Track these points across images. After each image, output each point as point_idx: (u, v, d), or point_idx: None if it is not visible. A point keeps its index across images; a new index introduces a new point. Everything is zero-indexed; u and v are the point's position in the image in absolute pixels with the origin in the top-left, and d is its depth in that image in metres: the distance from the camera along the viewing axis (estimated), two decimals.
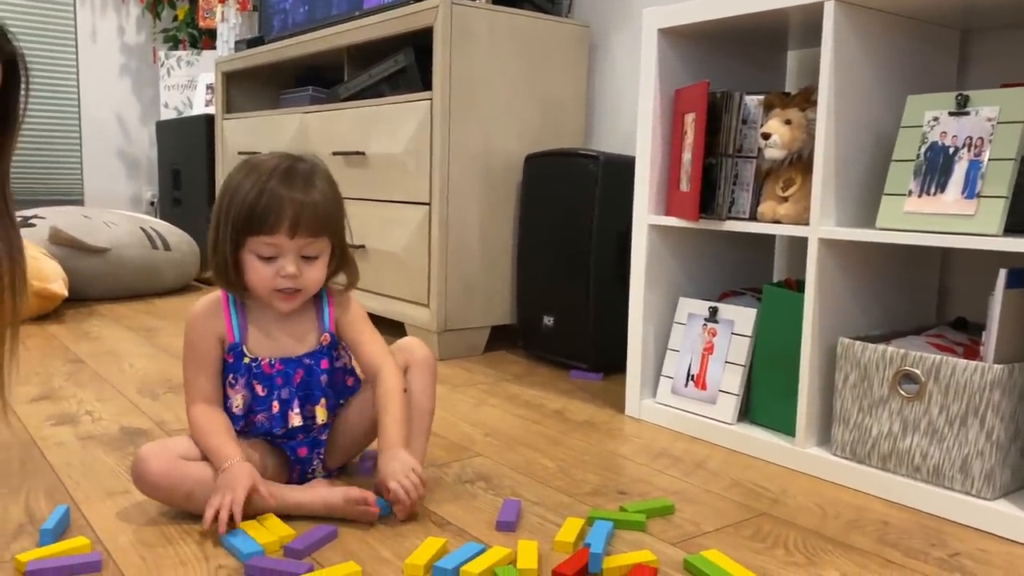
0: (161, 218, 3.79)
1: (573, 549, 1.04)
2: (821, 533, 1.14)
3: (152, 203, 4.43)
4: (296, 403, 1.15)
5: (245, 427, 1.17)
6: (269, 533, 1.03)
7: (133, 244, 2.95)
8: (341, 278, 1.20)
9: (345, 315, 1.20)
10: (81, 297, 2.81)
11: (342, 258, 1.17)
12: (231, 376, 1.15)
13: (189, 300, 3.04)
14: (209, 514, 1.01)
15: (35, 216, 2.85)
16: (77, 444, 1.42)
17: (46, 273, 2.48)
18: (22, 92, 0.94)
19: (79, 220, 2.88)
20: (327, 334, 1.18)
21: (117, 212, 3.21)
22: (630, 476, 1.35)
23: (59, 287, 2.48)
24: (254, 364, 1.14)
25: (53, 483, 1.24)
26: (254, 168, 1.09)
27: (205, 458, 1.10)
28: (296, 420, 1.15)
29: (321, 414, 1.18)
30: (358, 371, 1.25)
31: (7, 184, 0.98)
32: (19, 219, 2.97)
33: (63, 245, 2.73)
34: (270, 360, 1.15)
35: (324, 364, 1.18)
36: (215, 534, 1.03)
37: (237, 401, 1.15)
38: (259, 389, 1.15)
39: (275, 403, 1.15)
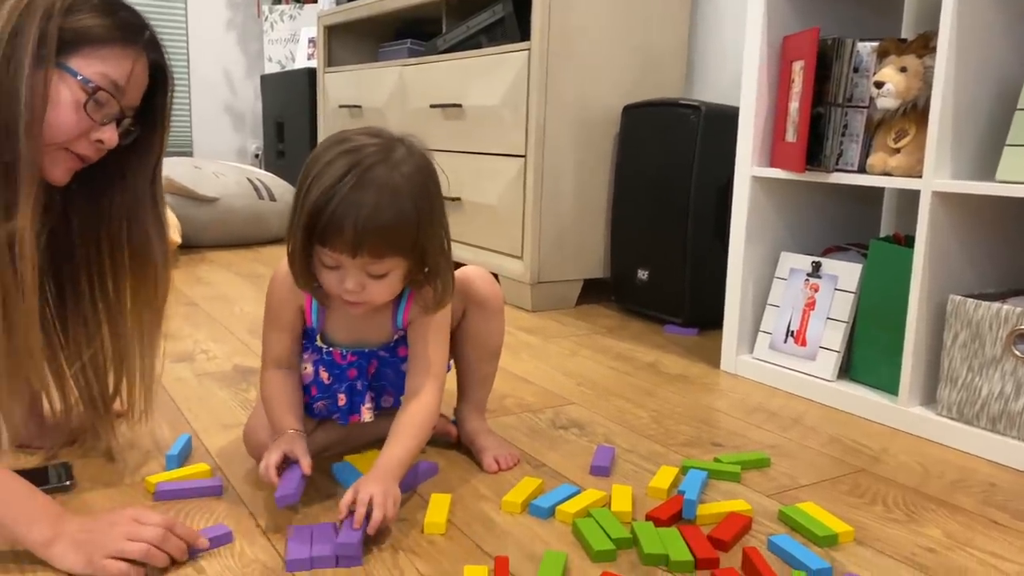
0: (266, 170, 3.93)
1: (667, 496, 1.06)
2: (923, 492, 1.12)
3: (257, 155, 4.58)
4: (369, 397, 1.08)
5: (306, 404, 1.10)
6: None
7: (240, 194, 3.07)
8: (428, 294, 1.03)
9: (422, 315, 1.05)
10: (193, 244, 2.95)
11: (429, 274, 1.01)
12: (304, 342, 1.09)
13: None
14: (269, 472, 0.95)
15: None
16: (194, 380, 1.51)
17: None
18: (168, 99, 1.02)
19: (190, 171, 3.01)
20: (400, 330, 1.08)
21: (225, 163, 3.33)
22: (725, 429, 1.35)
23: (173, 235, 2.61)
24: (325, 352, 1.08)
25: (175, 415, 1.32)
26: (337, 159, 0.92)
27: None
28: (367, 416, 1.08)
29: None
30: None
31: (158, 183, 1.05)
32: None
33: (176, 194, 2.86)
34: (343, 351, 1.07)
35: (403, 352, 1.09)
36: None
37: (300, 369, 1.10)
38: (324, 376, 1.08)
39: (342, 395, 1.08)
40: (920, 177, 1.31)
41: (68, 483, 1.03)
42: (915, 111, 1.37)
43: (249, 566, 0.87)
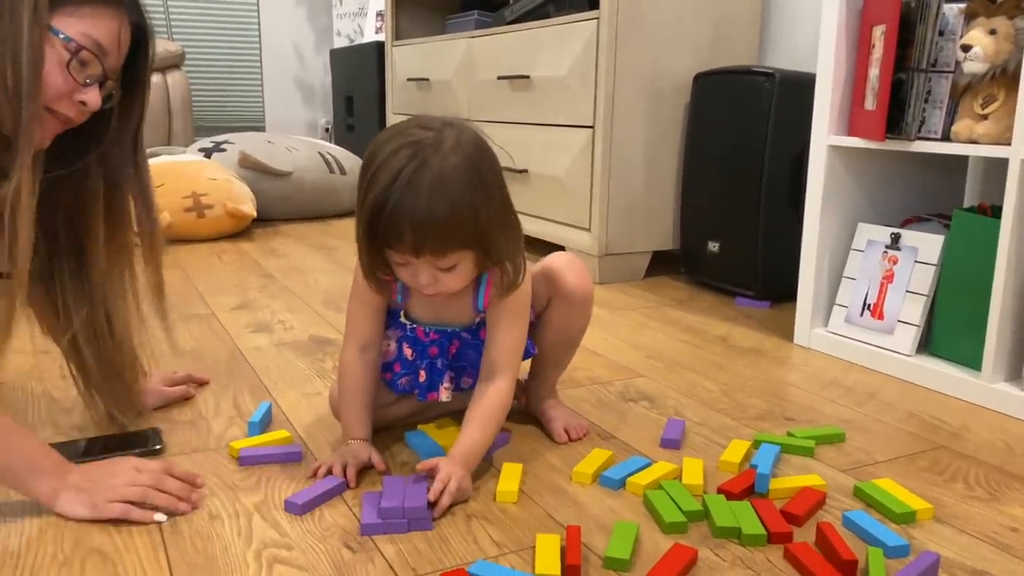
0: (335, 144, 3.98)
1: (739, 469, 1.05)
2: (1006, 470, 1.09)
3: (327, 129, 4.65)
4: (448, 377, 1.08)
5: (388, 380, 1.12)
6: (448, 435, 1.11)
7: (312, 168, 3.12)
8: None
9: (500, 298, 1.03)
10: (267, 217, 3.02)
11: (497, 259, 0.99)
12: (388, 320, 1.10)
13: None
14: (322, 471, 1.01)
15: (225, 142, 3.07)
16: (273, 350, 1.56)
17: (237, 195, 2.69)
18: (149, 61, 1.00)
19: (263, 145, 3.07)
20: (481, 313, 1.07)
21: (296, 137, 3.40)
22: (798, 403, 1.33)
23: (248, 208, 2.68)
24: (409, 328, 1.09)
25: (255, 383, 1.37)
26: (391, 158, 0.90)
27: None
28: (445, 396, 1.08)
29: None
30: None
31: (141, 149, 1.03)
32: (212, 144, 3.18)
33: (250, 169, 2.93)
34: (426, 329, 1.08)
35: (484, 334, 1.08)
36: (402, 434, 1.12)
37: (384, 346, 1.11)
38: (408, 352, 1.09)
39: (423, 371, 1.08)
40: (1009, 145, 1.26)
41: (158, 447, 1.08)
42: (1004, 75, 1.31)
43: (328, 530, 0.90)
